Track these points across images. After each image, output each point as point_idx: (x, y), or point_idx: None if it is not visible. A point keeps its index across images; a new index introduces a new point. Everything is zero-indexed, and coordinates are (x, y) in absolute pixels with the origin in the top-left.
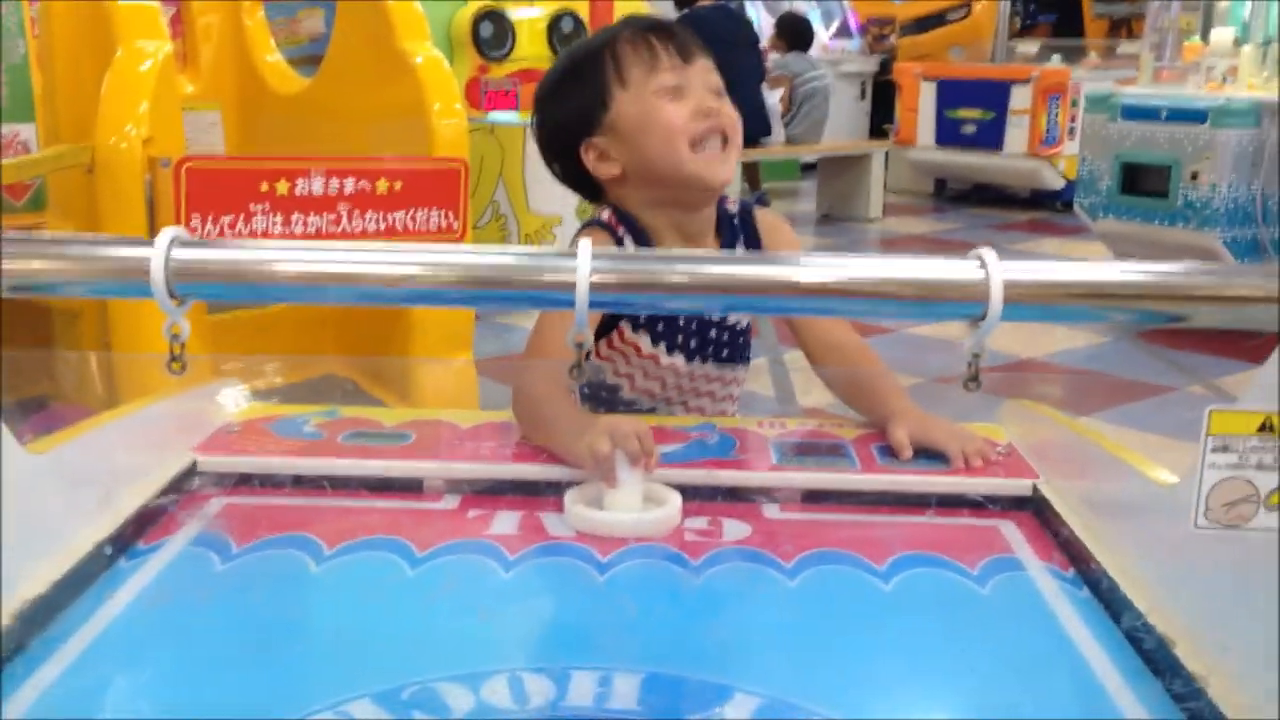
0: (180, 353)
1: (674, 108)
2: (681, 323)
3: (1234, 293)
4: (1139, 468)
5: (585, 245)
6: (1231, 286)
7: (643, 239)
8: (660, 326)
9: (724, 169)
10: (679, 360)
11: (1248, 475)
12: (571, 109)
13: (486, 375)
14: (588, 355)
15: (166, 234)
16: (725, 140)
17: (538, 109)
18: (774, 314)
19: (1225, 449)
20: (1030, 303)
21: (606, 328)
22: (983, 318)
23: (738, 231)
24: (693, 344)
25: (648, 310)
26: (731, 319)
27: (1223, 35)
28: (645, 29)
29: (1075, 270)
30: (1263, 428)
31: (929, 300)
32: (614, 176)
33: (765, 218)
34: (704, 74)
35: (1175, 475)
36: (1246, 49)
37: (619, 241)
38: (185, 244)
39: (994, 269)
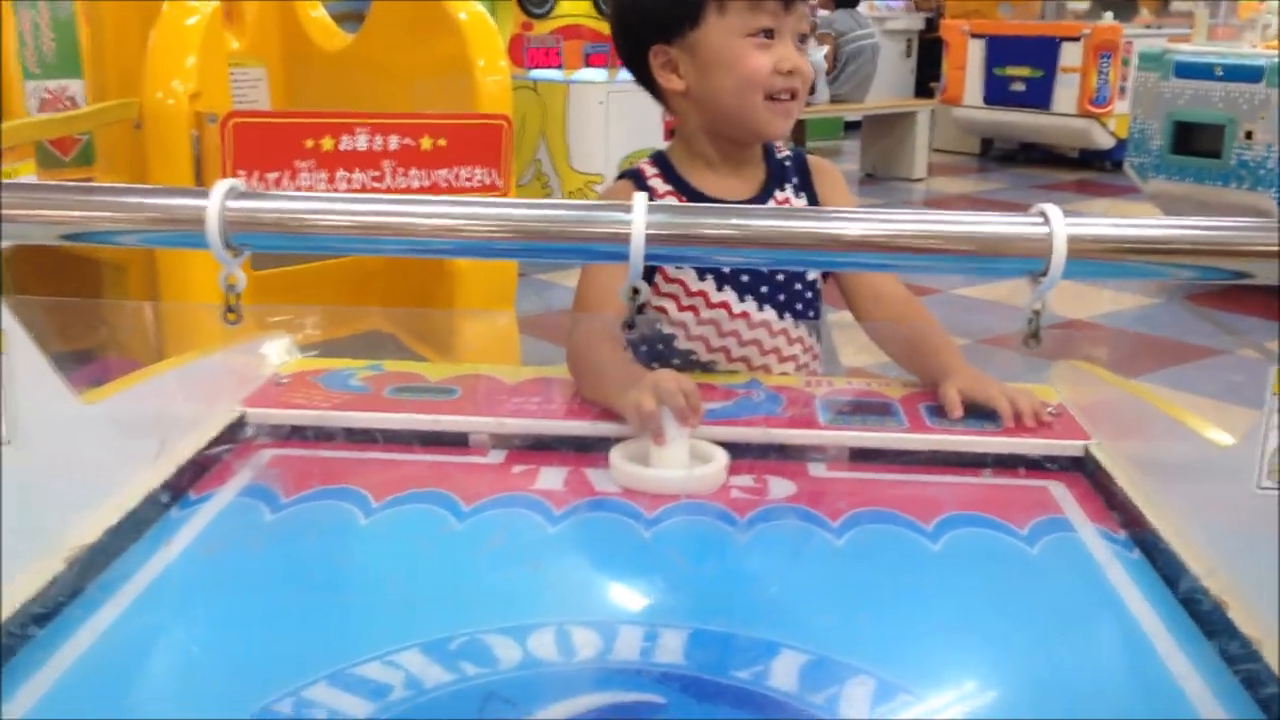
0: (236, 303)
1: (762, 57)
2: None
3: None
4: (1195, 429)
5: (641, 199)
6: None
7: (680, 182)
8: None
9: (788, 123)
10: (730, 297)
11: None
12: (657, 6)
13: (527, 332)
14: (641, 308)
15: (222, 185)
16: (795, 96)
17: None
18: (826, 269)
19: None
20: (1093, 259)
21: (651, 268)
22: (1044, 274)
23: (790, 171)
24: (745, 278)
25: (699, 263)
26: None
27: None
28: None
29: (1138, 226)
30: None
31: (990, 255)
32: (676, 90)
33: (816, 161)
34: (798, 21)
35: (1229, 437)
36: None
37: (644, 188)
38: (240, 195)
39: (1057, 224)
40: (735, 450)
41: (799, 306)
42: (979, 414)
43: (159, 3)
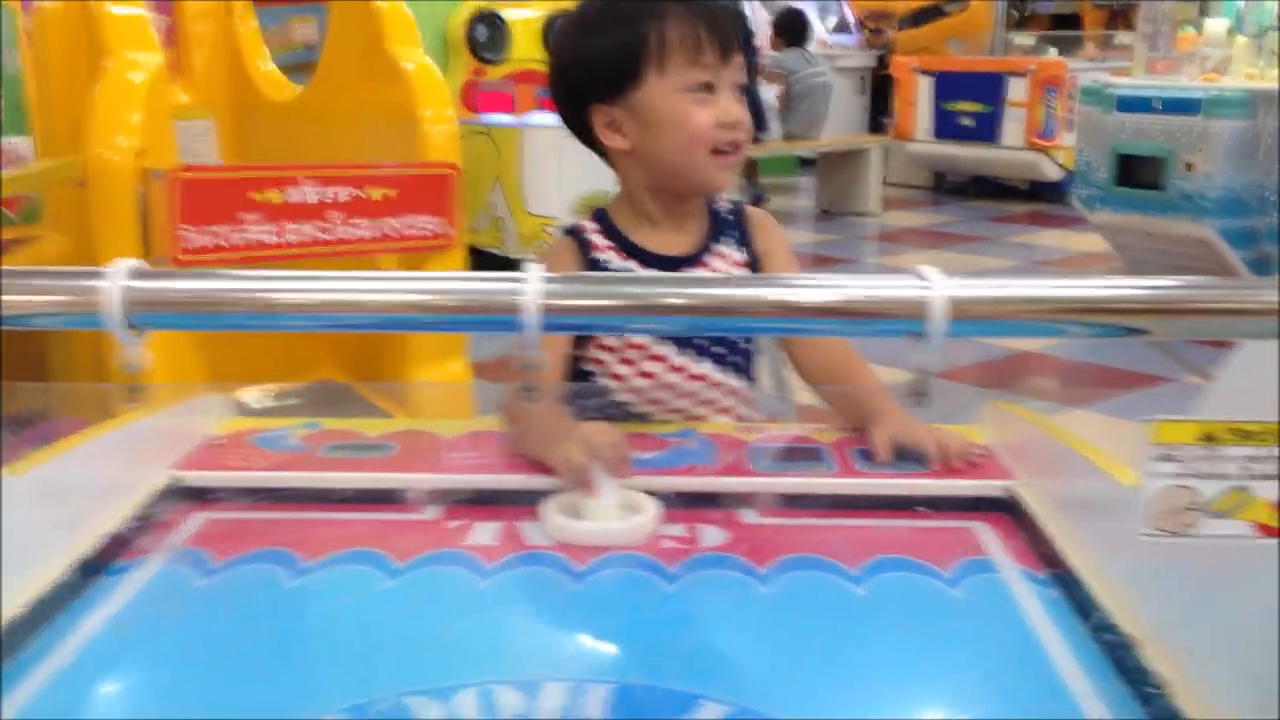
0: (138, 383)
1: (704, 112)
2: None
3: (1187, 305)
4: (1106, 469)
5: (535, 271)
6: (1184, 300)
7: (619, 237)
8: None
9: (730, 176)
10: (668, 350)
11: (1191, 484)
12: (597, 67)
13: (483, 377)
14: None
15: (122, 265)
16: (738, 147)
17: (556, 41)
18: (724, 334)
19: (1168, 458)
20: (974, 319)
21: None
22: (927, 335)
23: (730, 225)
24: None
25: (597, 331)
26: None
27: (1216, 25)
28: (698, 13)
29: (1019, 286)
30: (1204, 438)
31: (875, 318)
32: (620, 149)
33: (754, 214)
34: (735, 73)
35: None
36: (1240, 39)
37: (585, 244)
38: (142, 274)
39: (937, 286)
40: (667, 499)
41: (736, 359)
42: (908, 457)
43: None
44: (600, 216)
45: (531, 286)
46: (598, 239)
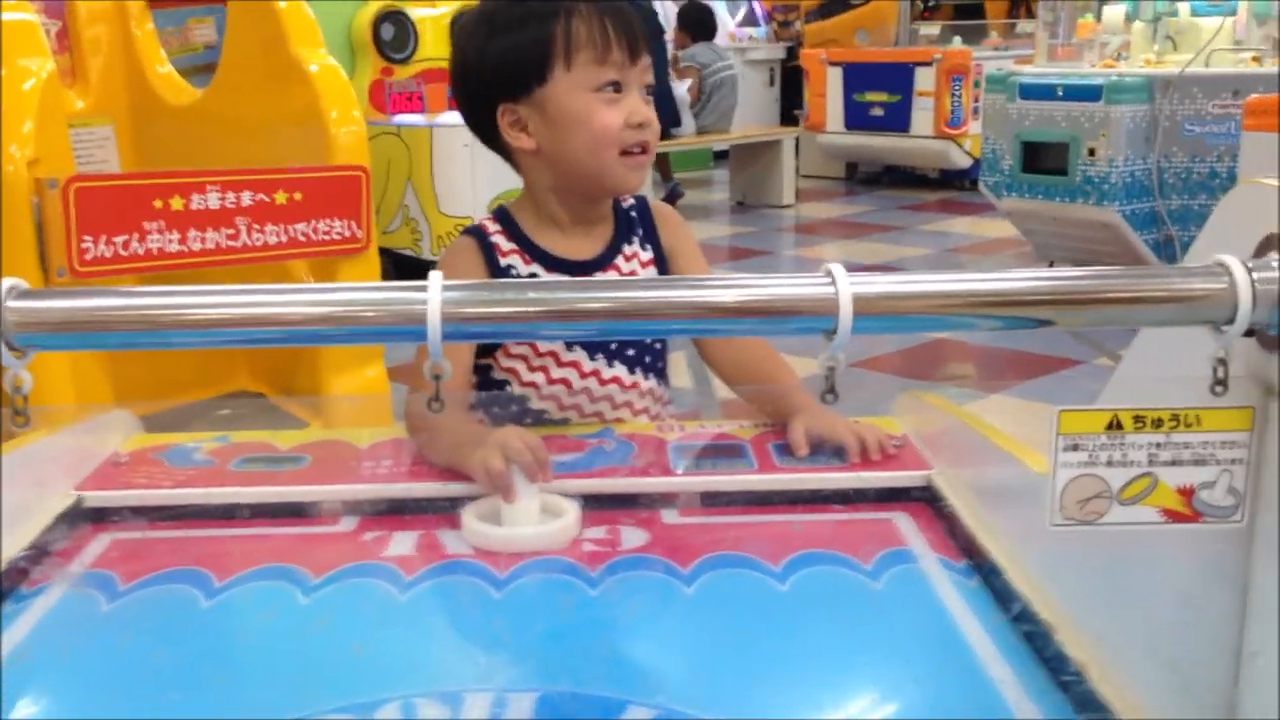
0: (24, 405)
1: (611, 112)
2: None
3: (1087, 295)
4: (1020, 457)
5: (435, 279)
6: (1084, 290)
7: (524, 240)
8: None
9: (642, 177)
10: (580, 356)
11: (1099, 472)
12: (502, 64)
13: (400, 381)
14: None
15: (2, 285)
16: (646, 149)
17: (460, 40)
18: (632, 337)
19: (1075, 448)
20: (880, 315)
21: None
22: (834, 332)
23: (635, 223)
24: (598, 340)
25: (502, 339)
26: None
27: (1114, 12)
28: (599, 6)
29: (920, 282)
30: (1110, 426)
31: (782, 317)
32: (526, 149)
33: (660, 209)
34: (644, 73)
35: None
36: (1138, 25)
37: (489, 250)
38: (23, 294)
39: (842, 284)
40: (588, 501)
41: (648, 359)
42: (827, 450)
43: None
44: (503, 217)
45: (433, 295)
46: (501, 241)
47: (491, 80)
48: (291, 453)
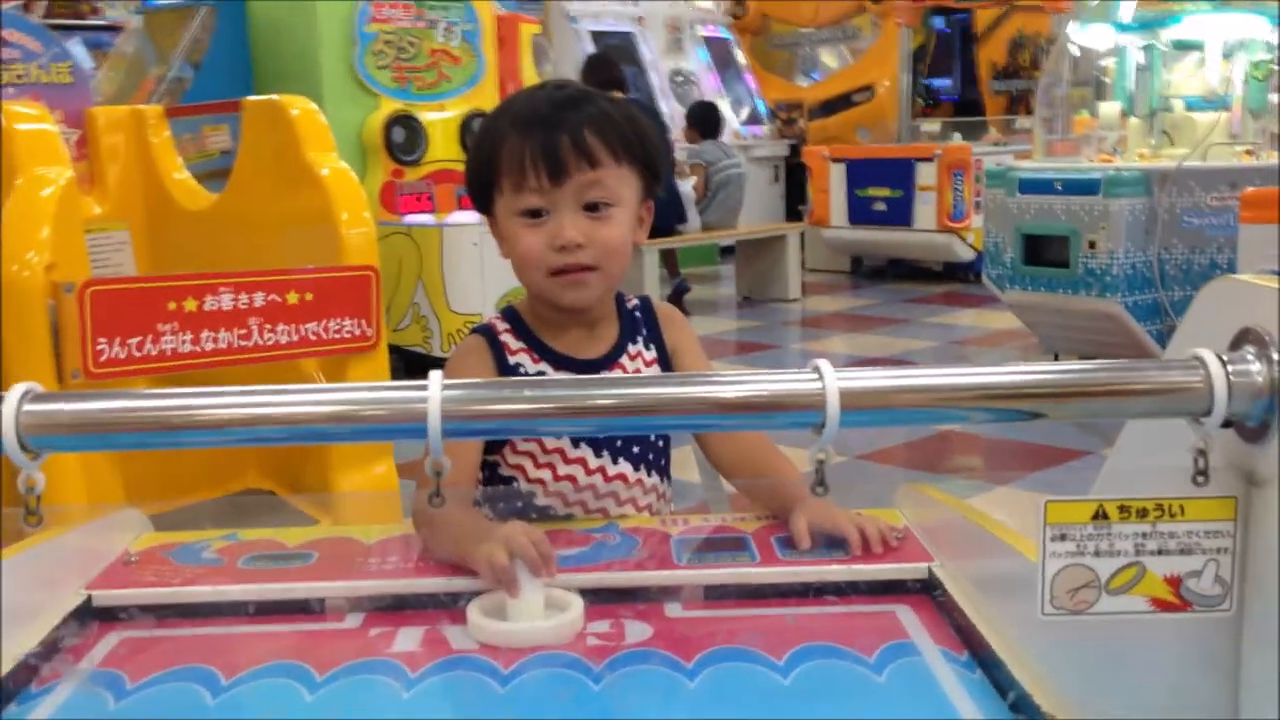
0: (36, 505)
1: (532, 237)
2: None
3: (1063, 390)
4: (1019, 548)
5: (435, 378)
6: (1060, 384)
7: (532, 339)
8: None
9: (585, 293)
10: (586, 453)
11: (1087, 562)
12: (468, 178)
13: (409, 477)
14: (496, 475)
15: (17, 389)
16: (587, 267)
17: (466, 156)
18: (626, 433)
19: (1063, 537)
20: (865, 409)
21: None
22: (823, 426)
23: (640, 323)
24: (600, 435)
25: (500, 436)
26: None
27: (1110, 108)
28: (527, 130)
29: (905, 377)
30: (1096, 516)
31: (772, 412)
32: (505, 257)
33: (662, 309)
34: (578, 191)
35: None
36: (1133, 120)
37: (499, 348)
38: (37, 397)
39: (829, 379)
40: (592, 595)
41: (652, 456)
42: (829, 543)
43: (13, 176)
44: (511, 316)
45: (433, 394)
46: (510, 340)
47: (473, 193)
48: (299, 549)
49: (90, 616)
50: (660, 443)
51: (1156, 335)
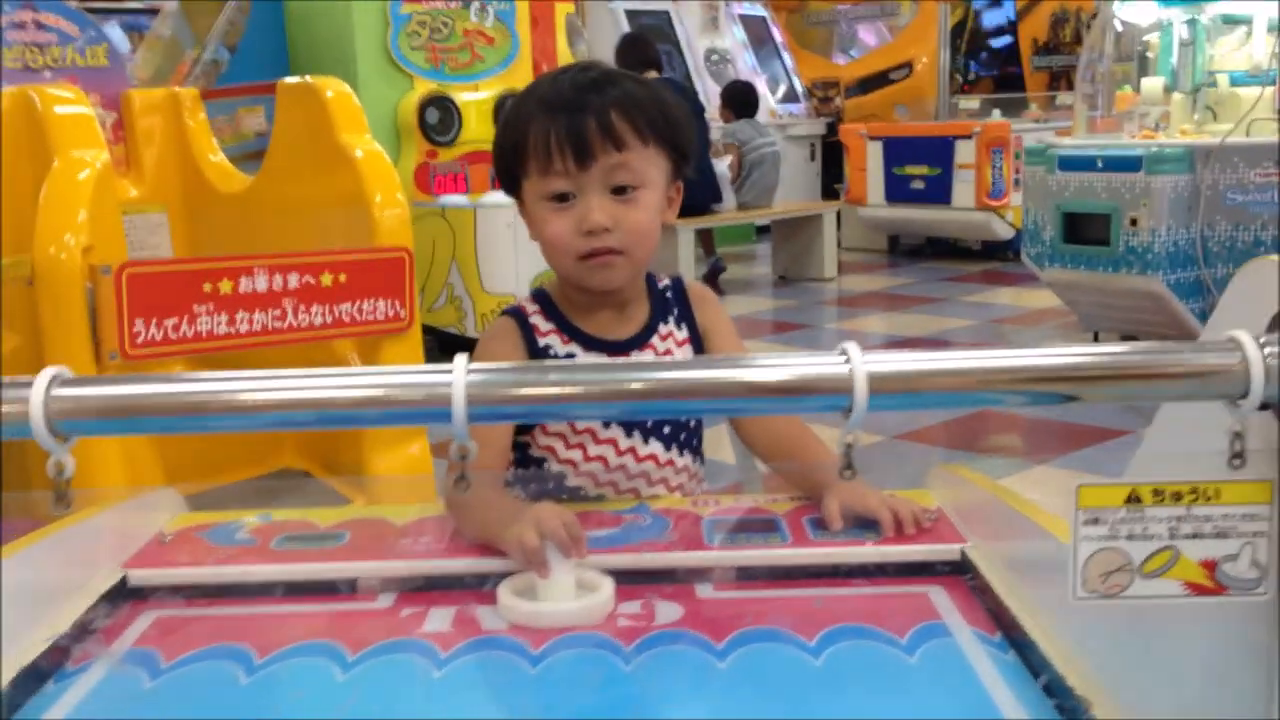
0: (66, 489)
1: (559, 221)
2: None
3: (1098, 373)
4: (1052, 530)
5: (460, 362)
6: (1098, 366)
7: (562, 320)
8: None
9: (613, 276)
10: (617, 434)
11: (1120, 545)
12: (497, 159)
13: (443, 456)
14: (527, 456)
15: (46, 373)
16: (614, 251)
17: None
18: (653, 415)
19: (1096, 521)
20: (893, 393)
21: None
22: (850, 410)
23: (671, 303)
24: (637, 421)
25: (526, 420)
26: None
27: (1153, 84)
28: (552, 113)
29: (935, 360)
30: (1129, 499)
31: (799, 395)
32: (534, 239)
33: (694, 289)
34: (605, 174)
35: None
36: (1177, 96)
37: (528, 330)
38: (66, 382)
39: (857, 362)
40: (623, 576)
41: (684, 436)
42: (861, 524)
43: (51, 159)
44: (541, 298)
45: (458, 378)
46: (540, 321)
47: (498, 174)
48: (331, 530)
49: (125, 596)
50: (692, 423)
51: (1199, 314)
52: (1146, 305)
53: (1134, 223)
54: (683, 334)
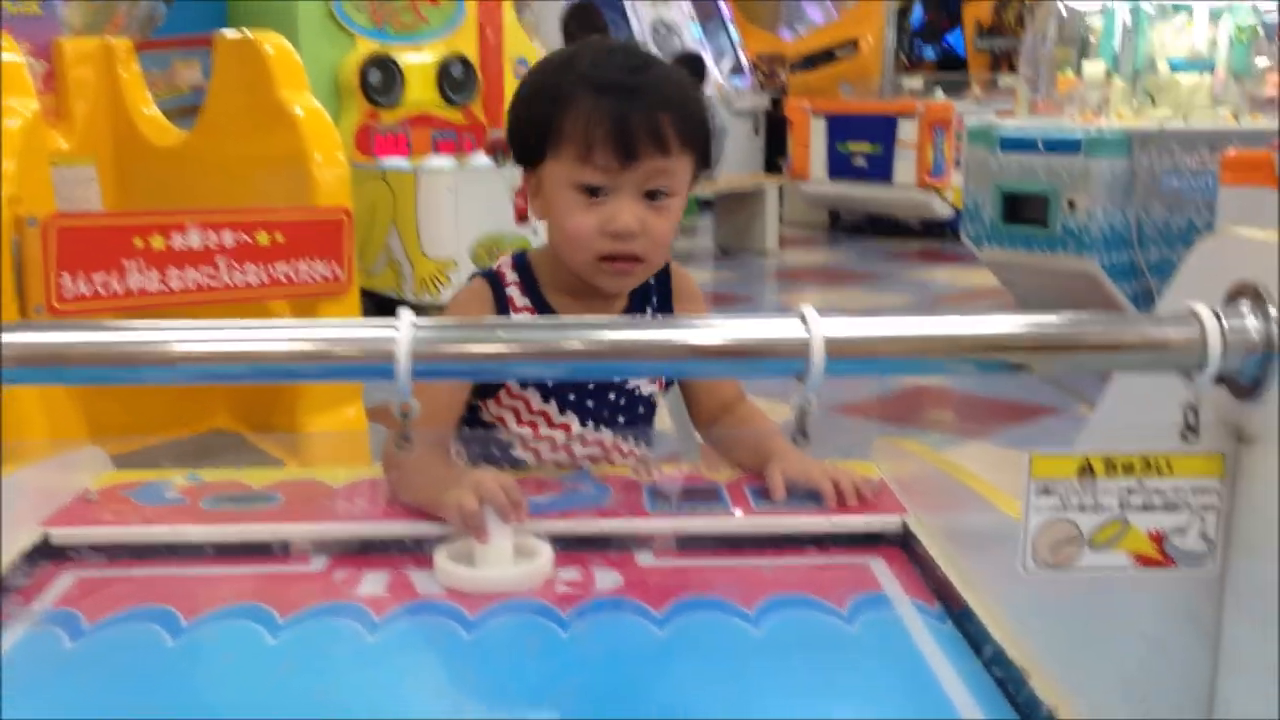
0: None
1: (585, 216)
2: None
3: (1054, 342)
4: (995, 502)
5: (406, 316)
6: (1055, 336)
7: (539, 299)
8: (552, 383)
9: (627, 282)
10: (571, 420)
11: (1071, 516)
12: (515, 129)
13: (379, 423)
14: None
15: None
16: (636, 258)
17: (510, 105)
18: (601, 377)
19: (1048, 492)
20: (851, 357)
21: (495, 385)
22: (807, 374)
23: (652, 290)
24: (589, 404)
25: (472, 378)
26: (631, 383)
27: (1094, 68)
28: (599, 97)
29: (894, 324)
30: (1082, 470)
31: (754, 358)
32: (535, 215)
33: (681, 281)
34: (646, 177)
35: None
36: (1118, 81)
37: (503, 300)
38: None
39: (815, 326)
40: (562, 543)
41: (638, 426)
42: (804, 494)
43: None
44: (523, 268)
45: (404, 334)
46: (516, 294)
47: (515, 145)
48: (263, 491)
49: (46, 555)
50: (648, 412)
51: (1132, 296)
52: (1081, 286)
53: (1072, 205)
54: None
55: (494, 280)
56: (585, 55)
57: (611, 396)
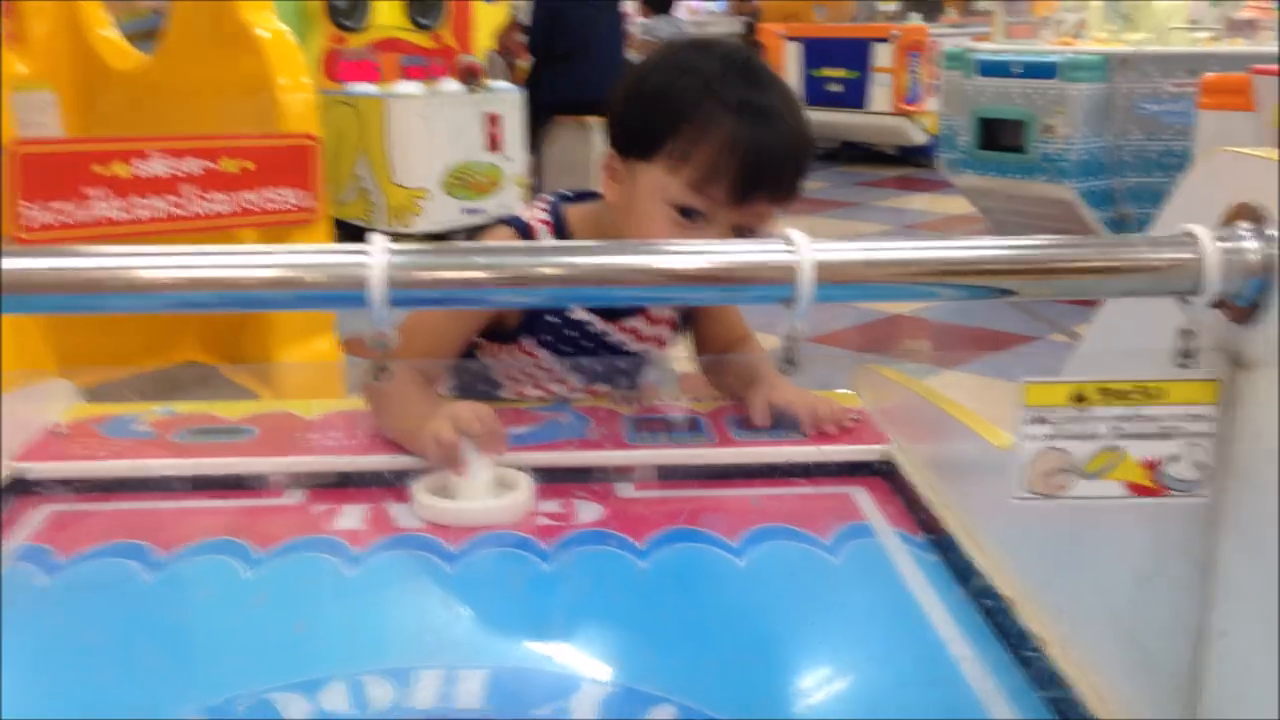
0: None
1: (669, 234)
2: (588, 345)
3: (1053, 265)
4: (979, 431)
5: (379, 240)
6: (1050, 259)
7: None
8: (563, 346)
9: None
10: (576, 380)
11: (1064, 445)
12: (624, 115)
13: (354, 354)
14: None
15: None
16: None
17: (637, 69)
18: (587, 304)
19: (1041, 420)
20: (842, 283)
21: (508, 337)
22: (795, 300)
23: None
24: (598, 369)
25: (450, 305)
26: (641, 344)
27: None
28: (740, 130)
29: (885, 249)
30: (1075, 398)
31: (742, 284)
32: (611, 195)
33: None
34: (745, 217)
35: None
36: (1095, 3)
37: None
38: None
39: (804, 250)
40: (542, 475)
41: (629, 386)
42: (784, 424)
43: None
44: (557, 218)
45: (377, 259)
46: None
47: (616, 121)
48: (238, 424)
49: (16, 490)
50: (640, 368)
51: (1108, 223)
52: (1057, 213)
53: (1048, 130)
54: (668, 312)
55: (524, 231)
56: (714, 62)
57: (621, 364)
